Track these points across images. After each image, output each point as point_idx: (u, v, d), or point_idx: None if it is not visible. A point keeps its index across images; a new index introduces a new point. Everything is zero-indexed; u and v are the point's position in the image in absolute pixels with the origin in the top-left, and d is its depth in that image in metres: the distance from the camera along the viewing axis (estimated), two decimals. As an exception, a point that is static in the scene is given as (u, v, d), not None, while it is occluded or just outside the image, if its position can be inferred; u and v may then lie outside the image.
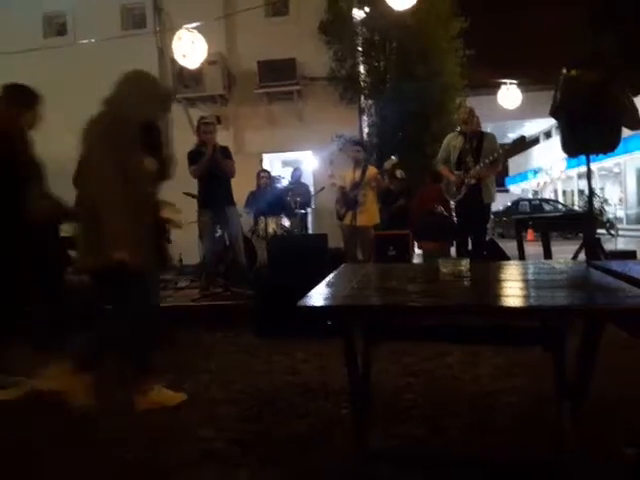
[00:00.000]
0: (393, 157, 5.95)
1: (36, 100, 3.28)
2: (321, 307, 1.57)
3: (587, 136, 4.14)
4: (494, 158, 5.00)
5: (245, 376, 3.23)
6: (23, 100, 3.16)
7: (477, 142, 5.13)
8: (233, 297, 5.16)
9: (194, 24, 5.66)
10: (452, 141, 5.27)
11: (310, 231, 7.80)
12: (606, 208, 18.23)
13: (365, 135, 8.93)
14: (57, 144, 6.49)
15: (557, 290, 1.72)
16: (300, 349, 3.70)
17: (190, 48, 5.66)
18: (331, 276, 2.17)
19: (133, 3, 9.66)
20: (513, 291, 1.81)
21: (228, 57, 9.03)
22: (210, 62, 7.81)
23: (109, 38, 8.27)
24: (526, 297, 1.70)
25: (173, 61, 8.11)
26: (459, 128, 5.40)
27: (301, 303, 1.57)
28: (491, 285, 1.93)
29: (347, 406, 2.50)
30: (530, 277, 2.09)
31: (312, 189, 8.39)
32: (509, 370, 3.06)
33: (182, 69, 7.92)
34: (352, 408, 2.15)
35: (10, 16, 9.24)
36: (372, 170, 5.78)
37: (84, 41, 8.01)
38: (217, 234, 5.68)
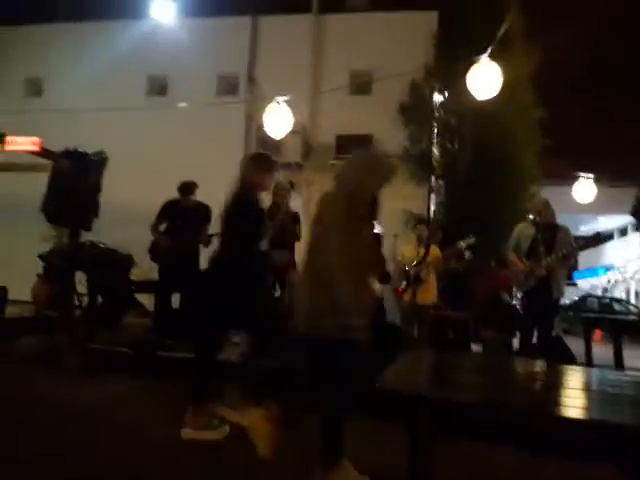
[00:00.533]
0: (472, 236, 5.85)
1: (274, 166, 3.72)
2: (387, 391, 1.55)
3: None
4: (568, 252, 4.84)
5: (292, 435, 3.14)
6: (266, 166, 3.58)
7: (550, 234, 5.01)
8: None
9: (284, 97, 6.06)
10: (524, 230, 5.18)
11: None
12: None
13: (432, 214, 8.97)
14: (148, 193, 7.03)
15: (626, 406, 1.61)
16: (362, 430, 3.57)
17: (278, 120, 6.05)
18: (395, 363, 2.13)
19: (228, 72, 10.55)
20: (580, 402, 1.71)
21: (309, 128, 9.55)
22: (292, 132, 8.28)
23: (205, 102, 8.98)
24: (590, 410, 1.60)
25: (258, 127, 8.68)
26: (531, 217, 5.32)
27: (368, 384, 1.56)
28: (558, 393, 1.84)
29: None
30: (598, 388, 1.97)
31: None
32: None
33: (265, 136, 8.42)
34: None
35: (118, 76, 10.31)
36: (435, 250, 5.76)
37: (182, 104, 8.75)
38: (276, 295, 5.76)
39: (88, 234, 5.76)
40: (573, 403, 1.71)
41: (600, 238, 5.46)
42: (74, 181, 5.60)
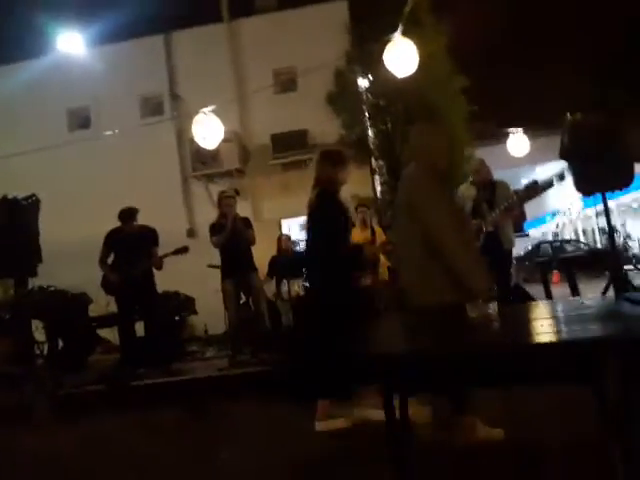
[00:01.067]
0: None
1: (347, 159, 3.63)
2: (357, 356, 1.59)
3: (599, 175, 4.21)
4: (509, 204, 5.04)
5: (280, 443, 3.16)
6: (339, 159, 3.51)
7: (490, 191, 5.19)
8: (261, 363, 5.14)
9: (210, 107, 6.02)
10: (466, 192, 5.34)
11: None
12: (630, 244, 17.89)
13: (379, 193, 9.13)
14: (89, 227, 6.84)
15: (589, 323, 1.72)
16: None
17: (208, 130, 6.00)
18: (359, 329, 2.20)
19: (151, 93, 10.37)
20: (543, 328, 1.81)
21: (242, 134, 9.53)
22: (226, 140, 8.22)
23: (130, 127, 8.80)
24: (558, 332, 1.70)
25: (191, 141, 8.58)
26: (471, 179, 5.50)
27: (338, 352, 1.60)
28: (521, 325, 1.94)
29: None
30: (559, 314, 2.09)
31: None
32: (550, 413, 2.96)
33: (199, 148, 8.34)
34: (392, 466, 2.10)
35: (36, 115, 9.94)
36: (380, 232, 5.91)
37: (108, 132, 8.54)
38: (241, 301, 5.75)
39: (35, 279, 5.58)
40: (539, 331, 1.81)
41: (537, 186, 5.71)
42: (9, 229, 5.41)
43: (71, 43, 9.74)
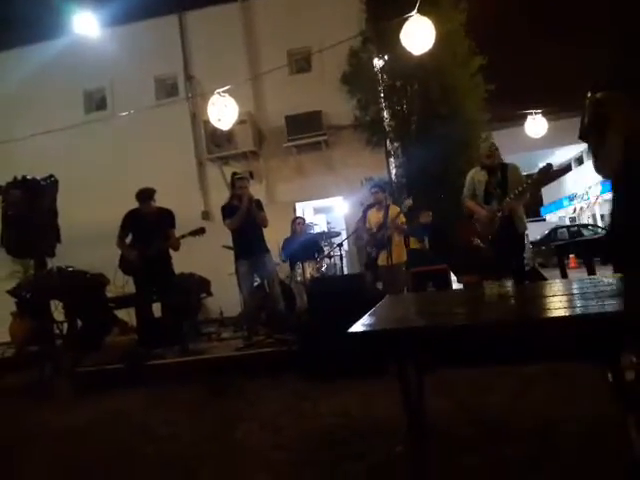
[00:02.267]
0: (410, 199, 6.00)
1: None
2: (372, 332, 1.59)
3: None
4: (523, 189, 4.99)
5: (295, 421, 3.21)
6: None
7: (502, 174, 5.11)
8: (276, 344, 5.18)
9: (224, 88, 5.99)
10: (476, 176, 5.25)
11: (345, 273, 7.83)
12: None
13: (393, 176, 9.05)
14: (106, 208, 6.91)
15: (606, 299, 1.70)
16: (347, 390, 3.66)
17: (223, 112, 5.98)
18: (376, 308, 2.20)
19: (165, 74, 10.34)
20: (559, 304, 1.79)
21: (257, 115, 9.48)
22: (240, 122, 8.20)
23: (145, 108, 8.81)
24: (573, 308, 1.68)
25: (205, 123, 8.58)
26: (481, 163, 5.40)
27: (352, 330, 1.60)
28: (536, 301, 1.92)
29: (402, 443, 2.45)
30: (576, 291, 2.06)
31: (344, 233, 8.49)
32: (566, 393, 2.95)
33: (214, 130, 8.34)
34: (409, 442, 2.11)
35: (53, 97, 9.99)
36: (394, 209, 5.87)
37: (123, 113, 8.56)
38: (255, 283, 5.78)
39: (54, 260, 5.66)
40: (552, 306, 1.79)
41: (551, 170, 5.61)
42: (29, 210, 5.48)
43: (86, 24, 9.69)
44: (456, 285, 7.20)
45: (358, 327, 1.69)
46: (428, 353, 2.05)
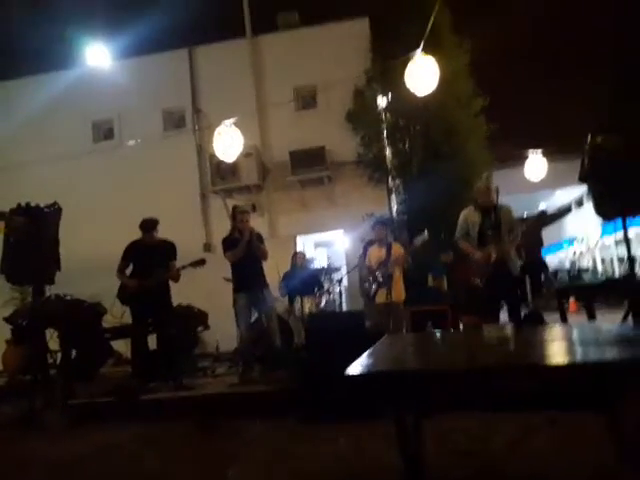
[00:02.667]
0: (425, 233, 5.91)
1: None
2: (369, 374, 1.56)
3: (619, 199, 4.14)
4: (515, 236, 5.04)
5: (288, 464, 3.12)
6: None
7: (495, 216, 5.12)
8: (271, 382, 5.09)
9: (231, 120, 6.09)
10: (470, 217, 5.24)
11: (344, 309, 7.77)
12: (650, 274, 17.50)
13: (394, 213, 9.10)
14: (108, 237, 6.93)
15: (606, 347, 1.67)
16: (343, 432, 3.57)
17: (229, 143, 6.05)
18: (374, 348, 2.17)
19: (173, 106, 10.53)
20: (559, 350, 1.77)
21: (262, 149, 9.62)
22: (245, 155, 8.31)
23: (152, 139, 8.95)
24: (573, 355, 1.65)
25: (211, 156, 8.69)
26: (474, 203, 5.39)
27: (349, 372, 1.57)
28: (536, 347, 1.89)
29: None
30: (576, 337, 2.04)
31: (344, 268, 8.48)
32: (565, 442, 2.88)
33: (219, 163, 8.45)
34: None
35: (62, 126, 10.16)
36: (397, 248, 5.86)
37: (130, 142, 8.69)
38: (253, 317, 5.73)
39: (52, 288, 5.63)
40: (553, 352, 1.76)
41: (545, 217, 5.72)
42: (31, 237, 5.48)
43: (98, 56, 9.96)
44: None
45: (355, 368, 1.66)
46: (426, 397, 2.02)
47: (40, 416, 4.49)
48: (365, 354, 1.98)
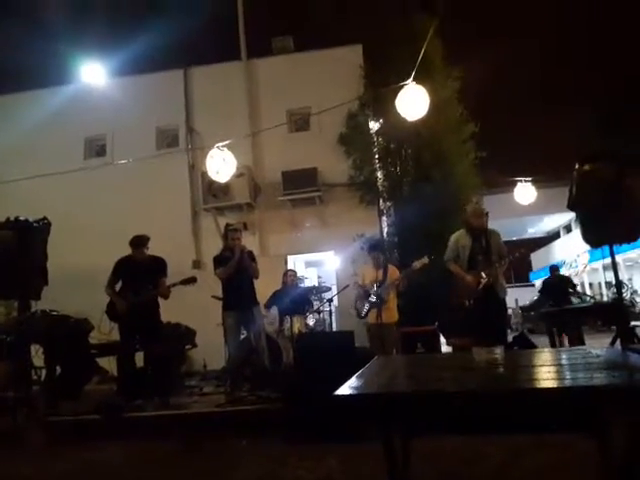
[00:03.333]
0: (425, 257, 5.80)
1: None
2: (358, 396, 1.57)
3: (606, 226, 4.22)
4: (505, 263, 5.13)
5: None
6: None
7: (485, 240, 5.22)
8: (259, 401, 5.05)
9: (224, 142, 6.15)
10: (460, 240, 5.35)
11: (334, 329, 7.75)
12: (637, 299, 17.72)
13: (385, 234, 9.17)
14: (98, 253, 6.89)
15: (595, 372, 1.70)
16: (330, 453, 3.54)
17: (221, 165, 6.11)
18: (363, 369, 2.18)
19: (167, 125, 10.61)
20: (548, 375, 1.79)
21: (254, 169, 9.68)
22: (238, 175, 8.36)
23: (144, 157, 8.97)
24: (561, 379, 1.68)
25: (203, 174, 8.74)
26: (465, 227, 5.48)
27: (337, 393, 1.58)
28: (525, 370, 1.91)
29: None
30: (565, 362, 2.07)
31: (335, 288, 8.48)
32: (555, 466, 2.88)
33: (211, 181, 8.48)
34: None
35: (54, 142, 10.16)
36: (393, 270, 5.90)
37: (122, 161, 8.70)
38: (242, 336, 5.70)
39: (40, 302, 5.58)
40: (542, 377, 1.79)
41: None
42: (18, 251, 5.45)
43: (93, 73, 10.05)
44: (445, 348, 7.15)
45: (344, 390, 1.67)
46: (414, 419, 2.02)
47: (22, 433, 4.40)
48: (355, 376, 1.99)
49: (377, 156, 9.44)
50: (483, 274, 5.06)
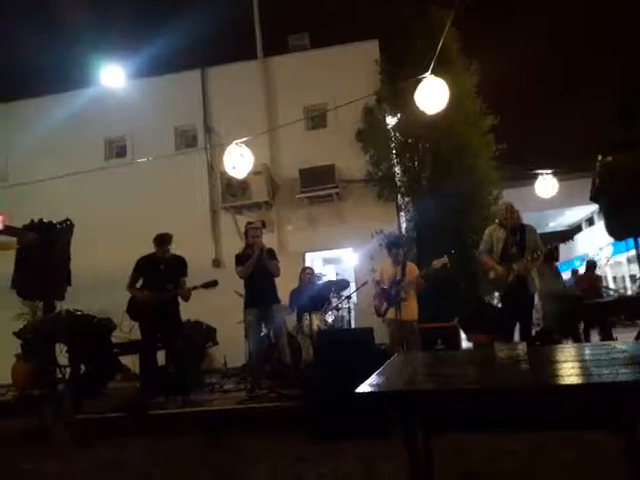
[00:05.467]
0: (445, 257, 5.64)
1: None
2: (380, 393, 1.55)
3: (631, 218, 4.10)
4: (537, 256, 5.09)
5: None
6: None
7: (520, 235, 5.24)
8: (279, 398, 5.06)
9: (242, 139, 6.17)
10: (495, 233, 5.38)
11: (353, 326, 7.72)
12: (662, 293, 17.26)
13: (404, 230, 9.10)
14: (119, 254, 6.98)
15: (620, 367, 1.65)
16: (351, 452, 3.53)
17: (239, 161, 6.13)
18: (384, 366, 2.15)
19: (185, 125, 10.69)
20: (572, 371, 1.74)
21: (272, 167, 9.70)
22: (255, 173, 8.40)
23: (163, 156, 9.07)
24: (586, 375, 1.63)
25: (222, 174, 8.79)
26: (497, 220, 5.51)
27: (359, 391, 1.56)
28: (549, 367, 1.87)
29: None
30: (589, 357, 2.01)
31: (353, 285, 8.45)
32: (579, 464, 2.82)
33: (230, 180, 8.53)
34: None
35: (75, 144, 10.33)
36: (412, 267, 5.83)
37: (141, 160, 8.80)
38: (262, 333, 5.72)
39: (63, 302, 5.67)
40: (566, 373, 1.74)
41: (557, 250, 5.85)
42: (42, 253, 5.54)
43: (113, 76, 10.20)
44: (465, 344, 7.07)
45: (365, 387, 1.65)
46: (438, 417, 1.99)
47: (48, 431, 4.49)
48: (375, 373, 1.97)
49: (395, 151, 9.36)
50: (514, 266, 5.05)
